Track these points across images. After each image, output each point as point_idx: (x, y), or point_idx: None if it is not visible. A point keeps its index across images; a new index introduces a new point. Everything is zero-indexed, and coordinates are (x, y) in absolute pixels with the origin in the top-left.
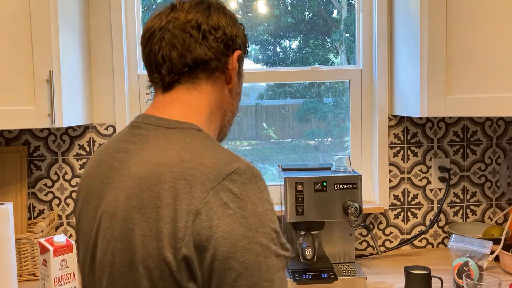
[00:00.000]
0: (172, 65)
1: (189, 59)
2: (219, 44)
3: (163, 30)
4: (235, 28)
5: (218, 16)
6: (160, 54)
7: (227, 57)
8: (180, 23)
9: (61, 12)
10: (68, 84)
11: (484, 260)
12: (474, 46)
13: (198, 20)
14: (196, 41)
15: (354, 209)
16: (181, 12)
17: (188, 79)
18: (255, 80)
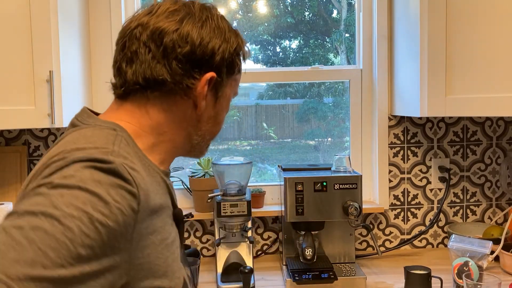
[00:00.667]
0: (124, 80)
1: (141, 78)
2: (183, 64)
3: (128, 35)
4: (214, 43)
5: (191, 29)
6: (117, 65)
7: (194, 80)
8: (146, 33)
9: (61, 12)
10: (68, 84)
11: (484, 260)
12: (474, 46)
13: (164, 31)
14: (153, 58)
15: (354, 209)
16: (155, 17)
17: (138, 97)
18: (255, 80)
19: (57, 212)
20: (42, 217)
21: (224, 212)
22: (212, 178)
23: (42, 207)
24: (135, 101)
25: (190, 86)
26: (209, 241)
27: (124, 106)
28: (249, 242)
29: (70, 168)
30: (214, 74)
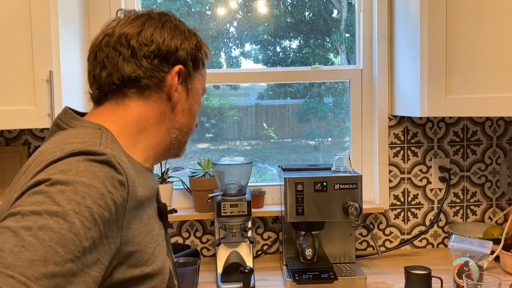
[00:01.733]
0: (100, 84)
1: (115, 78)
2: (151, 60)
3: (97, 47)
4: (176, 40)
5: (153, 30)
6: (92, 74)
7: (164, 73)
8: (113, 40)
9: (61, 12)
10: (68, 84)
11: (484, 260)
12: (474, 46)
13: (129, 35)
14: (124, 59)
15: (354, 209)
16: (118, 26)
17: (117, 96)
18: (255, 80)
19: (60, 209)
20: (47, 216)
21: (224, 212)
22: (212, 178)
23: (45, 206)
24: (113, 100)
25: (162, 79)
26: (209, 241)
27: (104, 107)
28: (249, 242)
29: (65, 162)
30: (182, 67)
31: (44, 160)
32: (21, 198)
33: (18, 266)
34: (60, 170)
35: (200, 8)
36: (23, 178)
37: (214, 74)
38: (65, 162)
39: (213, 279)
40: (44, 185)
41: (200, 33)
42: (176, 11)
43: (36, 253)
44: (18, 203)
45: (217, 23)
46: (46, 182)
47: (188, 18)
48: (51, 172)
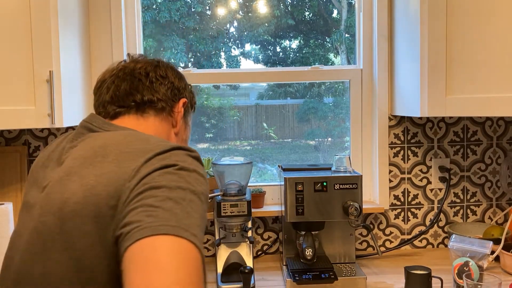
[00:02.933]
0: (119, 100)
1: (138, 98)
2: (166, 90)
3: (113, 77)
4: (182, 82)
5: (165, 69)
6: (108, 94)
7: (173, 102)
8: (130, 70)
9: (61, 12)
10: (68, 84)
11: (484, 260)
12: (474, 46)
13: (147, 69)
14: (143, 84)
15: (354, 209)
16: (131, 62)
17: (136, 111)
18: (255, 80)
19: (195, 189)
20: (190, 192)
21: (224, 212)
22: (212, 178)
23: (184, 184)
24: (132, 115)
25: (172, 106)
26: (209, 241)
27: (123, 119)
28: (249, 242)
29: (173, 153)
30: (186, 100)
31: (142, 151)
32: (149, 176)
33: (194, 228)
34: (176, 160)
35: (200, 8)
36: (108, 162)
37: (214, 74)
38: (174, 154)
39: (213, 279)
40: (172, 168)
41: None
42: (176, 11)
43: (196, 220)
44: (151, 179)
45: (217, 23)
46: (174, 166)
47: (188, 18)
48: (173, 160)
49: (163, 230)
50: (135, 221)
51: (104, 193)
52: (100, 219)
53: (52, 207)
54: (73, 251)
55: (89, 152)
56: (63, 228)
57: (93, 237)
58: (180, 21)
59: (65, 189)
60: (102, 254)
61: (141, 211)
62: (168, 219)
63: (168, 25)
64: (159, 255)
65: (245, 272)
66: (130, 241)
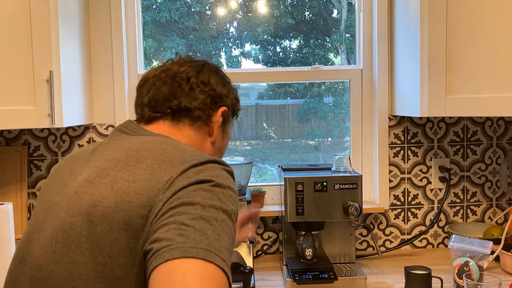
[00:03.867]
0: (156, 105)
1: (174, 104)
2: (205, 97)
3: (155, 78)
4: (225, 89)
5: (209, 74)
6: (147, 96)
7: (212, 110)
8: (172, 73)
9: (61, 12)
10: (68, 84)
11: (484, 260)
12: (474, 46)
13: (189, 73)
14: (183, 90)
15: (354, 209)
16: (176, 65)
17: (171, 118)
18: (255, 80)
19: (227, 208)
20: (222, 212)
21: None
22: None
23: (217, 203)
24: (167, 121)
25: (210, 115)
26: None
27: (158, 125)
28: (249, 242)
29: (208, 167)
30: (226, 109)
31: (177, 161)
32: (184, 190)
33: (223, 252)
34: (212, 175)
35: (200, 8)
36: (142, 169)
37: None
38: (209, 167)
39: None
40: (207, 184)
41: (200, 33)
42: (176, 11)
43: (225, 242)
44: (186, 194)
45: (217, 23)
46: (209, 182)
47: (188, 18)
48: (208, 174)
49: (193, 253)
50: (166, 239)
51: (137, 201)
52: (130, 227)
53: (81, 208)
54: (100, 256)
55: (123, 155)
56: (91, 232)
57: (122, 244)
58: (180, 21)
59: (95, 190)
60: (130, 263)
61: (173, 229)
62: (199, 241)
63: (168, 25)
64: (188, 279)
65: (245, 272)
66: (159, 261)
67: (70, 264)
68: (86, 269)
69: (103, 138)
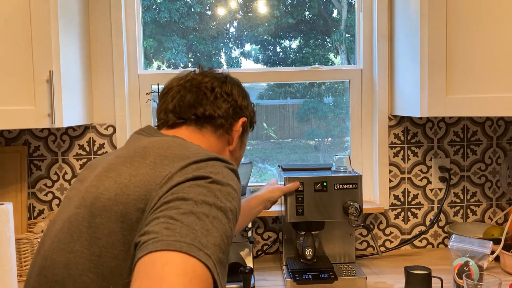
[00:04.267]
0: (181, 111)
1: (199, 111)
2: (228, 107)
3: (180, 86)
4: (245, 101)
5: (232, 86)
6: (172, 103)
7: (233, 120)
8: (197, 82)
9: (61, 12)
10: (68, 84)
11: (485, 260)
12: (474, 46)
13: (214, 84)
14: (207, 99)
15: (354, 209)
16: (199, 75)
17: (194, 124)
18: (255, 80)
19: (223, 205)
20: (215, 209)
21: None
22: None
23: (211, 199)
24: (190, 127)
25: (231, 124)
26: None
27: (181, 130)
28: (249, 242)
29: (209, 164)
30: (246, 119)
31: (179, 158)
32: (179, 185)
33: (209, 248)
34: (211, 171)
35: (200, 8)
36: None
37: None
38: (210, 164)
39: None
40: (204, 181)
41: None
42: (176, 11)
43: (215, 239)
44: (181, 189)
45: (217, 23)
46: (207, 179)
47: (188, 18)
48: (207, 171)
49: (175, 246)
50: (153, 232)
51: (135, 194)
52: (126, 219)
53: (86, 200)
54: (96, 247)
55: (131, 152)
56: (91, 222)
57: (117, 236)
58: (180, 21)
59: (101, 183)
60: (123, 255)
61: (161, 222)
62: (185, 235)
63: (168, 25)
64: (166, 272)
65: (245, 272)
66: (143, 252)
67: (70, 254)
68: (82, 258)
69: (103, 138)
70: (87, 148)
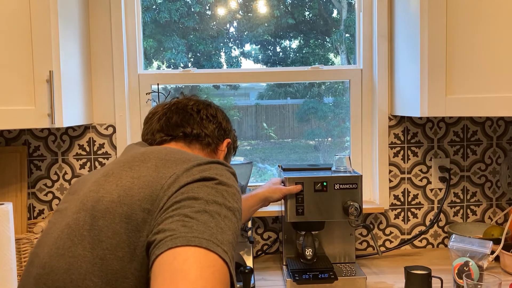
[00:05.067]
0: (169, 130)
1: (187, 130)
2: (214, 127)
3: (166, 109)
4: (229, 125)
5: (216, 110)
6: (159, 124)
7: (219, 140)
8: (182, 105)
9: (61, 12)
10: (68, 84)
11: (484, 260)
12: (474, 46)
13: (199, 106)
14: (194, 119)
15: (354, 209)
16: (184, 99)
17: (183, 141)
18: (255, 80)
19: (231, 205)
20: (225, 208)
21: None
22: None
23: (220, 199)
24: (179, 143)
25: (217, 144)
26: None
27: (169, 145)
28: (249, 242)
29: (212, 167)
30: (230, 141)
31: (181, 160)
32: (188, 186)
33: (225, 244)
34: (216, 173)
35: (200, 8)
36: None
37: (214, 74)
38: (213, 167)
39: None
40: (211, 182)
41: (200, 33)
42: (176, 12)
43: (229, 236)
44: (190, 189)
45: (217, 23)
46: (213, 180)
47: (188, 18)
48: (212, 173)
49: (195, 242)
50: (170, 229)
51: (140, 195)
52: (131, 220)
53: (86, 205)
54: (100, 249)
55: (129, 158)
56: (94, 225)
57: (121, 237)
58: (180, 21)
59: (100, 188)
60: (128, 257)
61: (176, 220)
62: (202, 231)
63: (168, 25)
64: (188, 266)
65: (245, 272)
66: (162, 249)
67: (71, 258)
68: (85, 262)
69: (103, 138)
70: (87, 148)
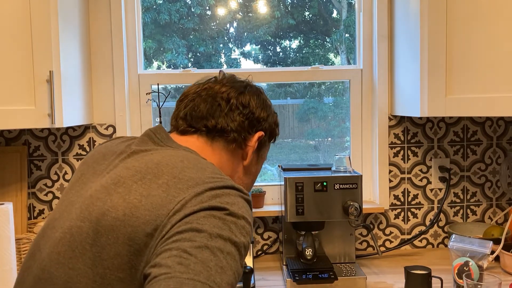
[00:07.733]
0: (192, 120)
1: (210, 123)
2: (243, 120)
3: (195, 95)
4: (264, 112)
5: (250, 97)
6: (184, 111)
7: (248, 134)
8: (213, 92)
9: (61, 12)
10: (68, 84)
11: (484, 260)
12: (474, 46)
13: (230, 94)
14: (221, 111)
15: (354, 209)
16: (218, 84)
17: (206, 136)
18: (255, 80)
19: (237, 240)
20: (230, 244)
21: None
22: None
23: (226, 233)
24: (202, 138)
25: (245, 138)
26: None
27: (192, 139)
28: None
29: (225, 193)
30: (263, 133)
31: (194, 182)
32: (194, 215)
33: (223, 286)
34: (227, 202)
35: (199, 9)
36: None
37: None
38: (226, 193)
39: None
40: (221, 212)
41: (200, 33)
42: (176, 12)
43: (229, 277)
44: (195, 219)
45: (217, 24)
46: (223, 210)
47: (188, 19)
48: (223, 201)
49: (189, 285)
50: (165, 266)
51: (145, 218)
52: (134, 243)
53: (91, 214)
54: (101, 268)
55: (143, 166)
56: (96, 241)
57: (123, 259)
58: (180, 22)
59: (108, 198)
60: (129, 278)
61: (174, 255)
62: (199, 272)
63: (168, 26)
64: None
65: (245, 272)
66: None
67: (71, 270)
68: (85, 278)
69: (103, 138)
70: (87, 148)
